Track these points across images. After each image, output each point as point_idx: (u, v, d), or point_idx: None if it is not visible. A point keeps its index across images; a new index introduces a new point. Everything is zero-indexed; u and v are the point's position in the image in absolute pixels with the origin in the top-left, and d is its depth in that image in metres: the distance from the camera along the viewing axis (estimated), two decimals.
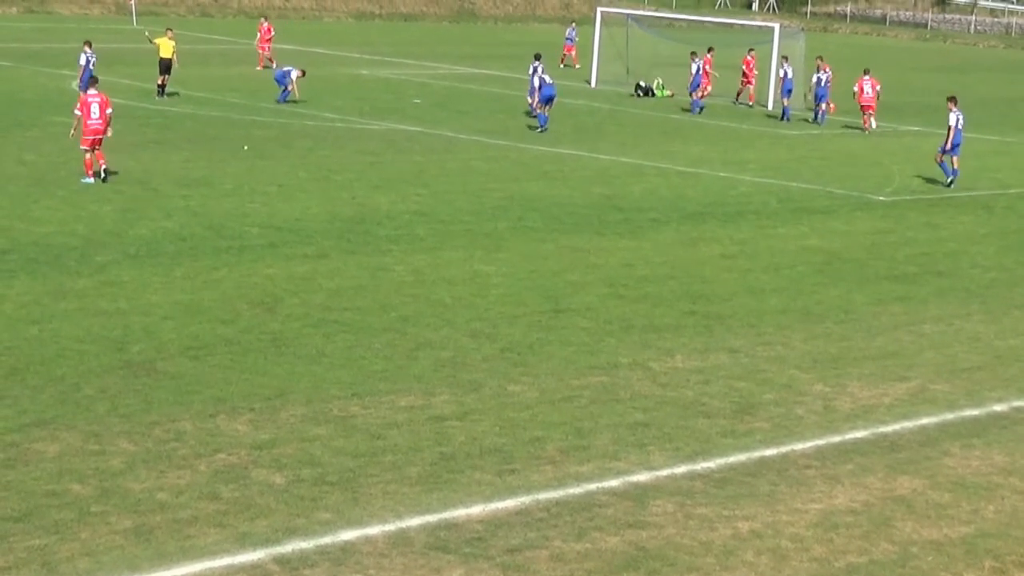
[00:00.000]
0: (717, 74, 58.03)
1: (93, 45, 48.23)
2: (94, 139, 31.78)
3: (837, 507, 15.09)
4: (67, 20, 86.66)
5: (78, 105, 32.33)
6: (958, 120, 38.58)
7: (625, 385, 19.02)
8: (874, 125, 52.26)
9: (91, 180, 31.76)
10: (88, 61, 46.07)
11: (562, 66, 71.89)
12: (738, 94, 59.38)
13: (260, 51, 63.46)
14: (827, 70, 53.55)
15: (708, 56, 57.16)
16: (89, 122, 31.59)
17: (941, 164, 39.02)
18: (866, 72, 52.61)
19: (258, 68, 62.15)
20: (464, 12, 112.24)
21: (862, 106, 52.30)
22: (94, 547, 13.03)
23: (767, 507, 14.93)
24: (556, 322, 22.14)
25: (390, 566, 13.02)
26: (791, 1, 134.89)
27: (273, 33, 64.19)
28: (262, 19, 67.13)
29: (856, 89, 52.51)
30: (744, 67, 58.86)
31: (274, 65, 61.94)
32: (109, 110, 32.00)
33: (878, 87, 52.34)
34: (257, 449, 15.79)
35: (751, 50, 59.30)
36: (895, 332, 22.85)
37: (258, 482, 14.84)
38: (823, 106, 53.44)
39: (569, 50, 73.66)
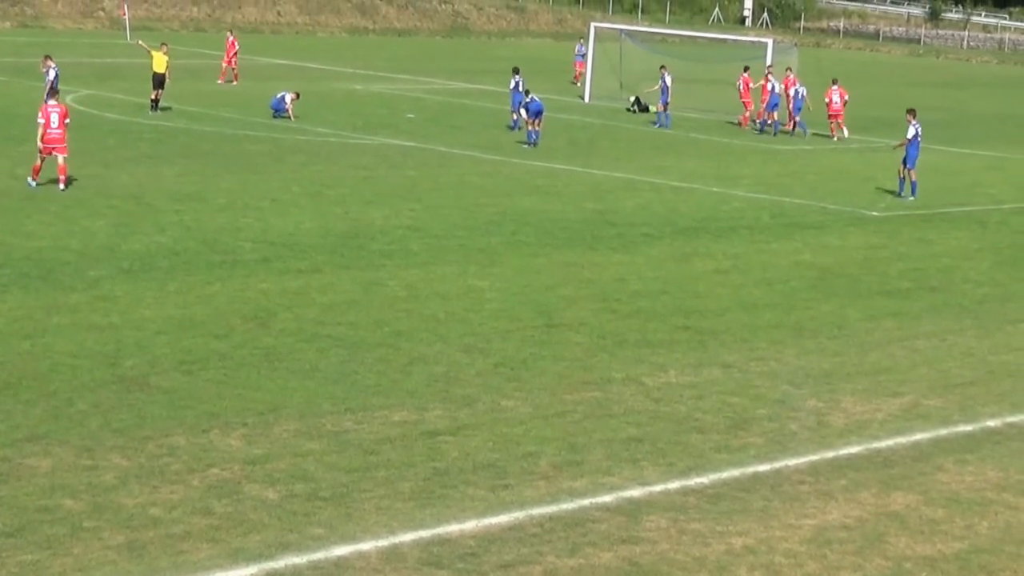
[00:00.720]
0: (763, 82, 57.94)
1: (55, 58, 48.21)
2: (52, 147, 32.79)
3: (831, 523, 15.08)
4: (61, 35, 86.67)
5: (40, 114, 33.22)
6: (917, 133, 38.75)
7: (618, 400, 19.01)
8: (845, 134, 53.63)
9: (34, 184, 32.75)
10: (57, 76, 46.27)
11: (576, 83, 71.57)
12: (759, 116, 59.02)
13: (226, 65, 63.31)
14: (796, 83, 54.55)
15: (745, 75, 56.88)
16: (49, 131, 32.67)
17: (912, 180, 39.06)
18: (834, 82, 54.01)
19: (219, 82, 62.05)
20: (457, 27, 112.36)
21: (830, 115, 53.95)
22: (87, 563, 13.00)
23: (761, 523, 14.92)
24: (549, 337, 22.14)
25: None
26: (784, 17, 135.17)
27: (238, 47, 64.05)
28: (228, 32, 67.01)
29: (826, 99, 53.85)
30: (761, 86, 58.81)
31: (236, 82, 61.99)
32: (67, 120, 33.29)
33: (846, 96, 53.87)
34: (250, 464, 15.77)
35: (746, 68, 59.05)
36: (888, 347, 22.85)
37: (251, 497, 14.82)
38: (797, 118, 54.32)
39: (580, 67, 72.83)
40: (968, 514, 15.59)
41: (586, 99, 63.68)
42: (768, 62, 58.64)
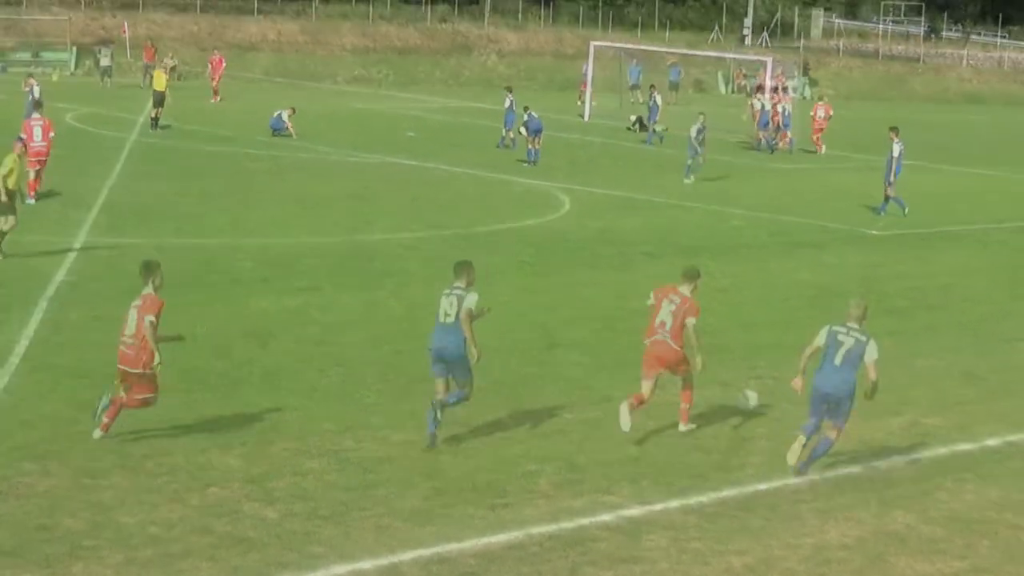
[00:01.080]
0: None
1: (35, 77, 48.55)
2: (37, 160, 33.16)
3: (830, 542, 15.07)
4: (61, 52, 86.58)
5: (23, 129, 33.65)
6: (901, 151, 38.96)
7: (618, 420, 18.96)
8: (823, 149, 54.82)
9: (32, 200, 32.74)
10: (40, 93, 46.67)
11: (580, 103, 71.47)
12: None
13: (215, 83, 63.49)
14: (782, 100, 55.82)
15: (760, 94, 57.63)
16: (32, 144, 32.98)
17: (895, 198, 39.13)
18: (820, 98, 54.94)
19: (213, 101, 62.15)
20: (458, 46, 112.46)
21: (815, 129, 55.46)
22: None
23: (760, 542, 14.90)
24: (549, 356, 22.13)
25: None
26: (784, 35, 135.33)
27: (224, 66, 64.18)
28: (214, 51, 67.22)
29: (811, 113, 55.63)
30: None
31: (217, 99, 62.16)
32: (52, 133, 33.90)
33: (831, 112, 55.54)
34: (249, 483, 15.75)
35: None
36: (886, 366, 22.63)
37: (250, 516, 14.80)
38: (788, 134, 55.14)
39: (585, 87, 72.48)
40: (968, 533, 15.57)
41: (586, 117, 63.75)
42: (770, 81, 59.02)
